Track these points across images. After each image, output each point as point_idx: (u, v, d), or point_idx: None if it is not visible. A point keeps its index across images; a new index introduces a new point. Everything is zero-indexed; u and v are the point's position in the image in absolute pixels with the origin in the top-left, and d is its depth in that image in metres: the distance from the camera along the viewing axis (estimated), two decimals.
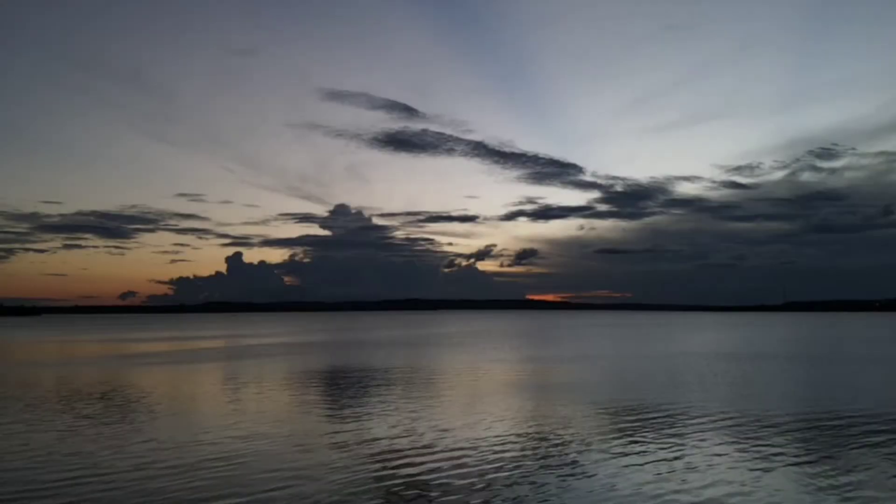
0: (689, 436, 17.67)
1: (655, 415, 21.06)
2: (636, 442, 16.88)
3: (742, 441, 16.97)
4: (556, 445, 16.55)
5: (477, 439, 17.27)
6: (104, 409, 23.07)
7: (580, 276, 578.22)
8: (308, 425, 19.63)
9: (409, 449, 16.13)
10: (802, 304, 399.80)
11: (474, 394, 26.57)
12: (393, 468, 14.29)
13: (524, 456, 15.42)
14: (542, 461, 14.89)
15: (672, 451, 15.78)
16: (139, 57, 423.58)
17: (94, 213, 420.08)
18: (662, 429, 18.66)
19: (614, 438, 17.35)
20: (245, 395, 26.76)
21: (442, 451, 15.83)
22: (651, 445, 16.47)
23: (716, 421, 19.87)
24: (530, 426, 19.22)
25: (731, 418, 20.30)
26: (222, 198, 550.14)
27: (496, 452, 15.74)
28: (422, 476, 13.63)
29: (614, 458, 15.19)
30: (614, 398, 24.92)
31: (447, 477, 13.55)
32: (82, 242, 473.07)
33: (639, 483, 13.03)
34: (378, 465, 14.53)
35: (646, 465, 14.44)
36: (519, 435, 17.89)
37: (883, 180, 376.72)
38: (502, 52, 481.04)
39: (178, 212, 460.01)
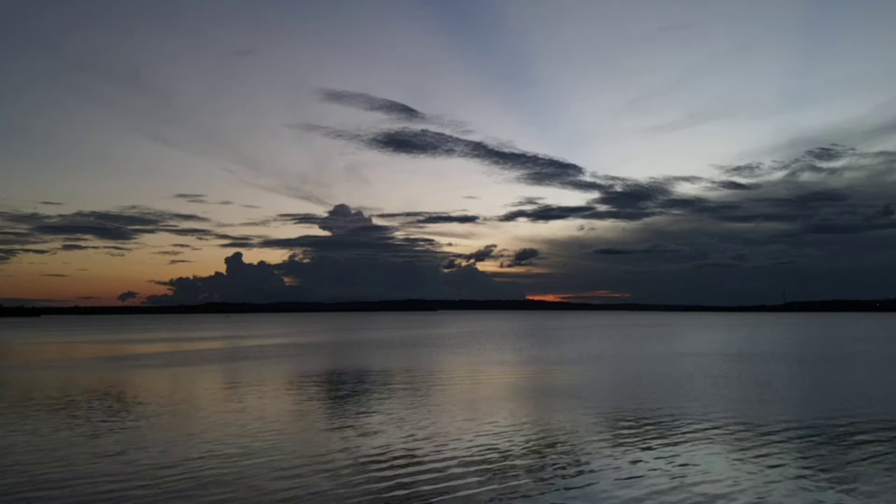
0: (696, 441, 17.46)
1: (661, 418, 20.86)
2: (640, 446, 16.69)
3: (749, 447, 16.76)
4: (558, 450, 16.35)
5: (477, 443, 17.06)
6: (102, 411, 22.87)
7: (580, 277, 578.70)
8: (307, 429, 19.43)
9: (409, 453, 15.93)
10: (802, 305, 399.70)
11: (475, 397, 26.39)
12: (392, 473, 14.09)
13: (526, 461, 15.22)
14: (543, 466, 14.70)
15: (677, 458, 15.57)
16: (139, 58, 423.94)
17: (93, 213, 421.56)
18: (668, 433, 18.46)
19: (617, 443, 17.16)
20: (244, 397, 26.55)
21: (442, 456, 15.63)
22: (655, 450, 16.27)
23: (723, 426, 19.66)
24: (532, 430, 19.03)
25: (738, 422, 20.11)
26: (222, 198, 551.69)
27: (497, 457, 15.55)
28: (421, 481, 13.44)
29: (617, 463, 15.00)
30: (618, 401, 24.74)
31: (447, 482, 13.36)
32: (82, 243, 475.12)
33: (640, 489, 12.87)
34: (377, 470, 14.32)
35: (649, 472, 14.25)
36: (521, 439, 17.70)
37: (882, 180, 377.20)
38: (502, 52, 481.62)
39: (178, 212, 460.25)
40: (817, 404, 23.66)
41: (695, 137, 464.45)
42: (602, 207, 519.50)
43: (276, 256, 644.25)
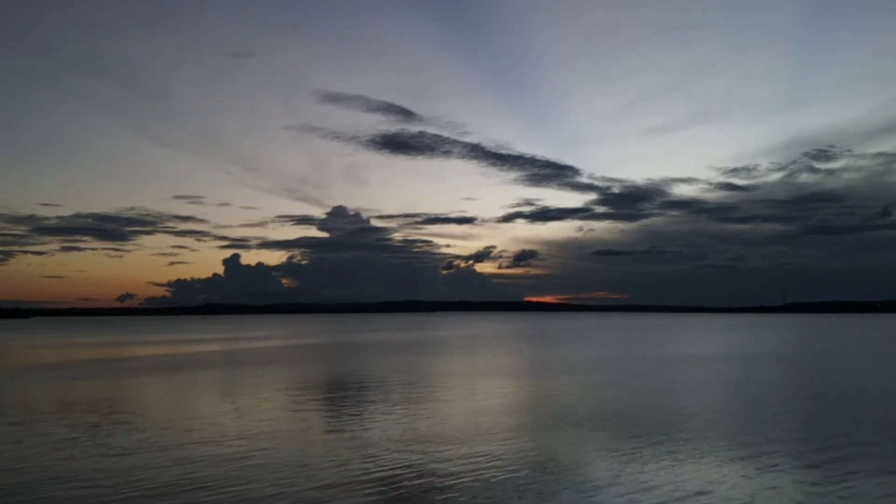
0: (719, 458, 16.59)
1: (680, 431, 19.98)
2: (647, 460, 15.82)
3: (782, 468, 15.89)
4: (562, 466, 15.48)
5: (476, 458, 16.19)
6: (97, 416, 22.06)
7: (578, 278, 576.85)
8: (304, 434, 18.70)
9: (404, 463, 15.12)
10: (802, 306, 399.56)
11: (475, 406, 25.50)
12: (390, 480, 13.30)
13: (525, 474, 14.39)
14: (543, 481, 13.81)
15: (695, 477, 14.70)
16: (137, 59, 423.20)
17: (92, 215, 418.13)
18: (684, 447, 17.58)
19: (627, 459, 16.27)
20: (242, 401, 25.70)
21: (439, 470, 14.78)
22: (667, 466, 15.39)
23: (754, 442, 18.77)
24: (533, 440, 18.16)
25: (770, 438, 19.21)
26: (220, 200, 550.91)
27: (496, 471, 14.69)
28: (416, 489, 12.59)
29: (621, 475, 14.12)
30: (632, 412, 23.84)
31: (443, 491, 12.49)
32: (80, 245, 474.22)
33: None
34: (375, 478, 13.50)
35: (654, 487, 13.37)
36: (521, 450, 16.86)
37: (880, 181, 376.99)
38: (499, 54, 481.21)
39: (176, 214, 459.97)
40: (843, 413, 22.78)
41: (692, 139, 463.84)
42: (600, 209, 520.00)
43: (275, 258, 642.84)
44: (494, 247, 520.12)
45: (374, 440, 18.00)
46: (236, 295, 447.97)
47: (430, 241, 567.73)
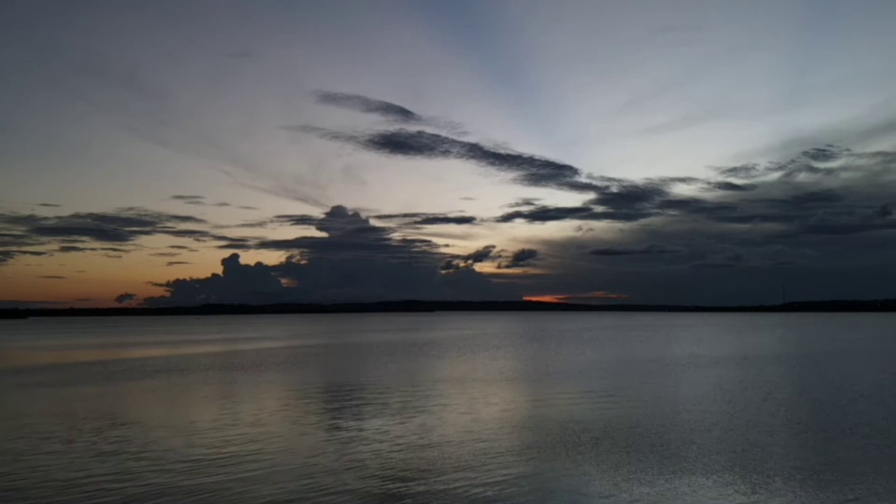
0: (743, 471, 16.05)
1: (689, 445, 19.44)
2: (661, 479, 15.28)
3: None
4: (565, 486, 14.93)
5: (475, 473, 15.63)
6: (94, 419, 21.53)
7: (577, 278, 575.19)
8: (300, 441, 18.17)
9: (402, 473, 14.62)
10: (802, 305, 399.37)
11: (475, 413, 24.93)
12: (386, 487, 12.75)
13: (520, 475, 13.85)
14: (536, 484, 13.27)
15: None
16: (136, 60, 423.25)
17: (91, 215, 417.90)
18: (694, 466, 17.04)
19: (637, 480, 15.72)
20: (238, 405, 25.15)
21: (434, 486, 14.22)
22: (680, 488, 14.85)
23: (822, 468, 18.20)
24: (536, 456, 17.59)
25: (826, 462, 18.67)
26: (219, 200, 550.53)
27: (496, 493, 14.13)
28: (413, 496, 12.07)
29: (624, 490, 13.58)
30: (642, 423, 23.30)
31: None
32: (79, 245, 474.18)
33: None
34: (369, 494, 12.95)
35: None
36: (517, 451, 16.28)
37: (879, 181, 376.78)
38: (497, 54, 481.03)
39: (175, 214, 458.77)
40: (854, 420, 22.25)
41: (690, 138, 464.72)
42: (598, 208, 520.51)
43: (274, 258, 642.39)
44: (493, 246, 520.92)
45: (368, 453, 17.41)
46: (235, 295, 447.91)
47: (429, 241, 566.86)
